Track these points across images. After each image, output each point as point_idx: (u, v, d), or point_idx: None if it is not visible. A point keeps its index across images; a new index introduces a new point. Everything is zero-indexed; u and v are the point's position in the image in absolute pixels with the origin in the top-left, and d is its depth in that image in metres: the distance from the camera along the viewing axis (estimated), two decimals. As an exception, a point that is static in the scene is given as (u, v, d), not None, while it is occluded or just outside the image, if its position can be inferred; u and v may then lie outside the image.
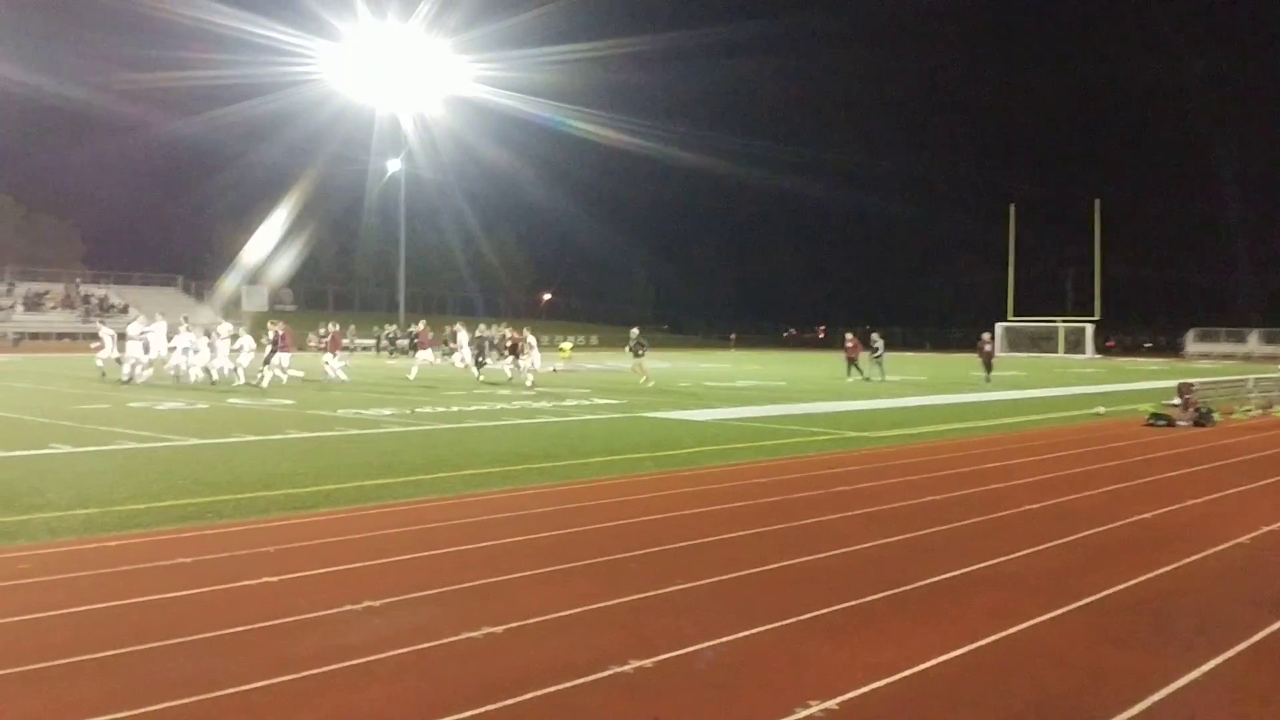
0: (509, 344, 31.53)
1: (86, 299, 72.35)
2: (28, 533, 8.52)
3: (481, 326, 35.24)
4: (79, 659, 5.34)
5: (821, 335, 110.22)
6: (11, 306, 68.66)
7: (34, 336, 64.34)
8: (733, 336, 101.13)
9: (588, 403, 23.84)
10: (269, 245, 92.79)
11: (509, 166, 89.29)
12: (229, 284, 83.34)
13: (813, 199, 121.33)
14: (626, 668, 5.41)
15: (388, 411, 20.36)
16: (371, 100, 74.90)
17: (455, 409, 21.35)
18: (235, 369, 27.88)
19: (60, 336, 66.07)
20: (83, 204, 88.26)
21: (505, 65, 75.40)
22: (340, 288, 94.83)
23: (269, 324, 28.26)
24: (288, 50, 70.54)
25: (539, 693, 5.05)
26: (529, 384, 28.88)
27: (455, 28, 71.21)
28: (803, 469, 13.52)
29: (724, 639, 5.95)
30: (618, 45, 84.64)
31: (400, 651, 5.60)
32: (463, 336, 35.66)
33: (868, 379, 34.74)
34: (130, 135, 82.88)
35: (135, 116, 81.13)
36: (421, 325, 36.68)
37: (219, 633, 5.84)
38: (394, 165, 79.61)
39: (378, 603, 6.49)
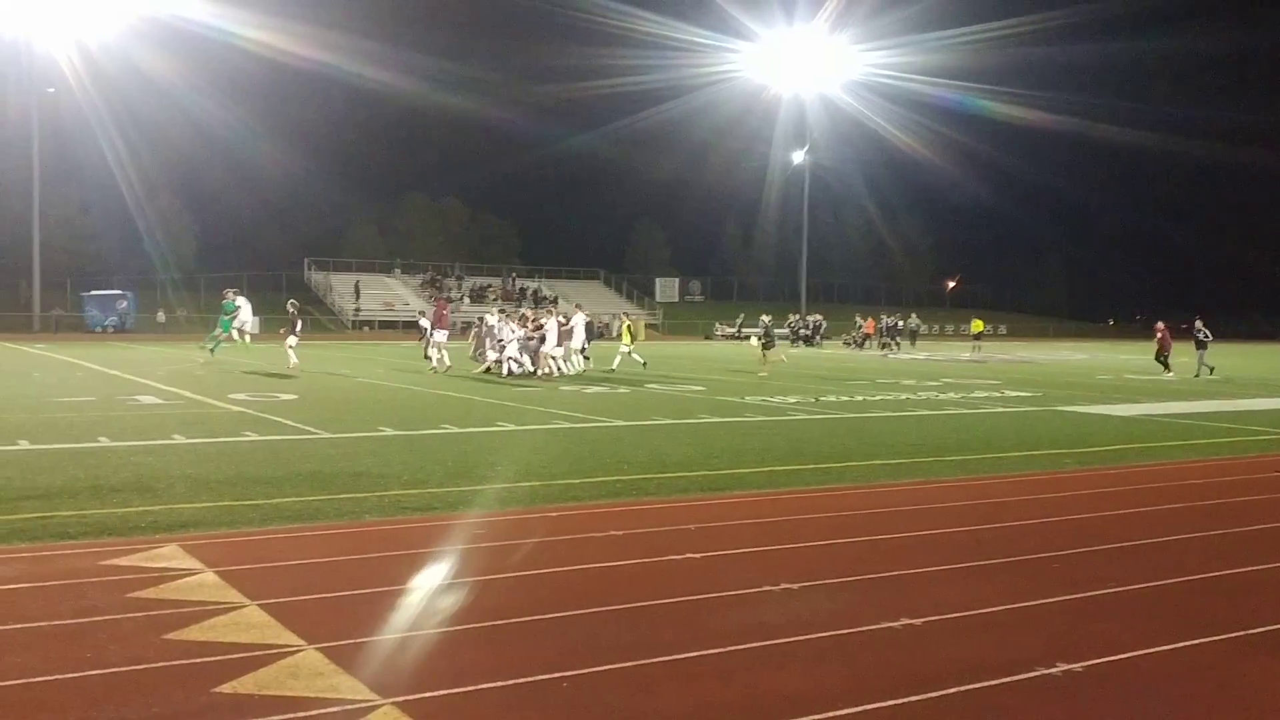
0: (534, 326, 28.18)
1: (521, 291, 78.81)
2: (482, 501, 9.47)
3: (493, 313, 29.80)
4: (531, 619, 5.89)
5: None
6: (460, 298, 76.20)
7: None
8: (1138, 317, 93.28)
9: (998, 395, 23.02)
10: (679, 239, 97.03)
11: (912, 153, 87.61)
12: (644, 277, 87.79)
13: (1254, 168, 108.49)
14: (1054, 670, 5.22)
15: (793, 399, 20.70)
16: (776, 94, 76.09)
17: (860, 398, 21.34)
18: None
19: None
20: (518, 205, 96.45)
21: (909, 50, 74.06)
22: (744, 278, 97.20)
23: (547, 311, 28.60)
24: (693, 49, 73.22)
25: (960, 689, 4.98)
26: (560, 371, 26.58)
27: (860, 17, 70.74)
28: (1244, 470, 12.35)
29: (1162, 648, 5.59)
30: (1030, 21, 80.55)
31: (819, 635, 5.72)
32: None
33: (1195, 374, 29.88)
34: (555, 142, 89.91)
35: (557, 125, 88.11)
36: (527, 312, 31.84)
37: (650, 603, 6.23)
38: (798, 157, 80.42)
39: (795, 586, 6.66)
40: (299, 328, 27.14)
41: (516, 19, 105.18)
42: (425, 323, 29.41)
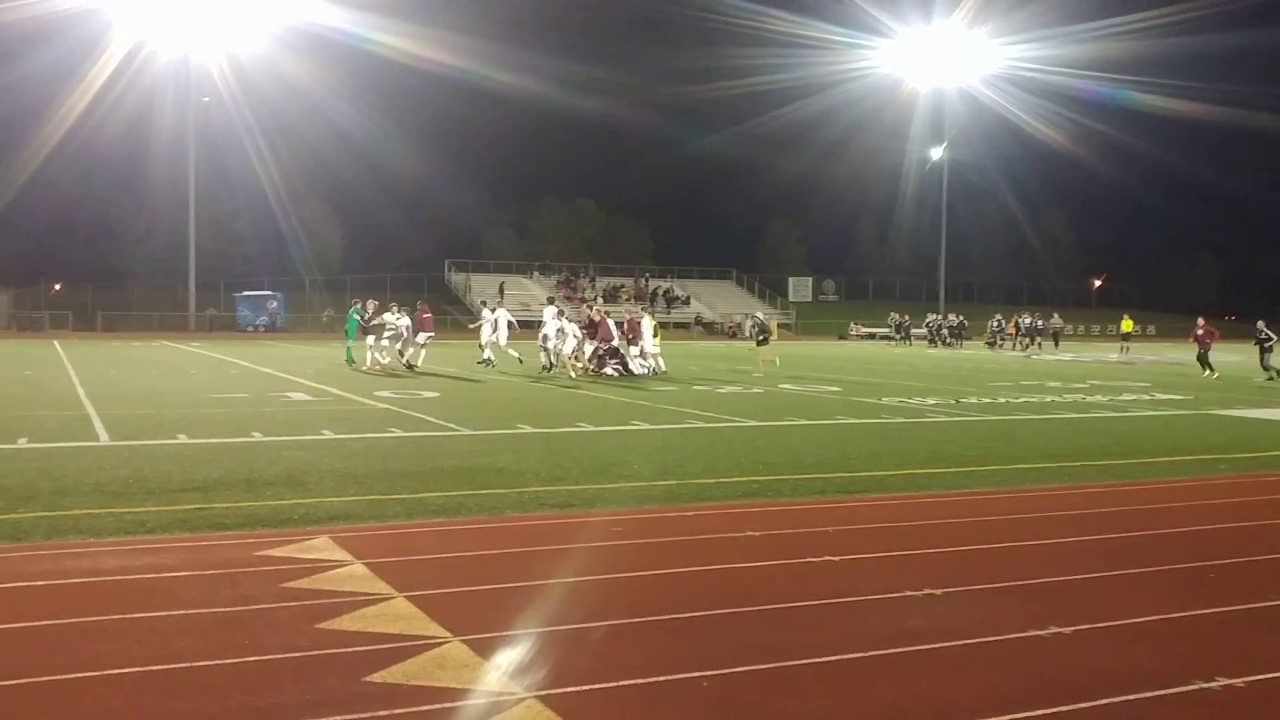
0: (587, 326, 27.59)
1: (654, 292, 79.17)
2: (618, 499, 9.55)
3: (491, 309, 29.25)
4: (669, 617, 5.91)
5: None
6: (594, 298, 76.93)
7: (609, 325, 71.59)
8: None
9: (1148, 397, 22.19)
10: (813, 238, 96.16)
11: (1056, 147, 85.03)
12: (776, 276, 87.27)
13: None
14: (1213, 684, 5.00)
15: (931, 401, 20.31)
16: (912, 89, 74.86)
17: (1002, 400, 20.82)
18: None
19: (631, 325, 73.03)
20: (651, 205, 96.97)
21: (1053, 43, 71.93)
22: (880, 277, 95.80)
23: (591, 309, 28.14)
24: (827, 47, 72.53)
25: (1112, 700, 4.81)
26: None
27: (1000, 10, 69.02)
28: None
29: (1333, 667, 5.31)
30: (1181, 9, 77.28)
31: (964, 642, 5.60)
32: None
33: (1269, 378, 27.60)
34: (687, 142, 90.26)
35: (689, 125, 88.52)
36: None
37: (789, 605, 6.19)
38: (936, 153, 78.97)
39: (938, 591, 6.53)
40: (385, 328, 27.42)
41: (647, 21, 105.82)
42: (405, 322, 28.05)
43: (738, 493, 9.97)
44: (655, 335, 27.60)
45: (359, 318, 27.41)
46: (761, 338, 29.58)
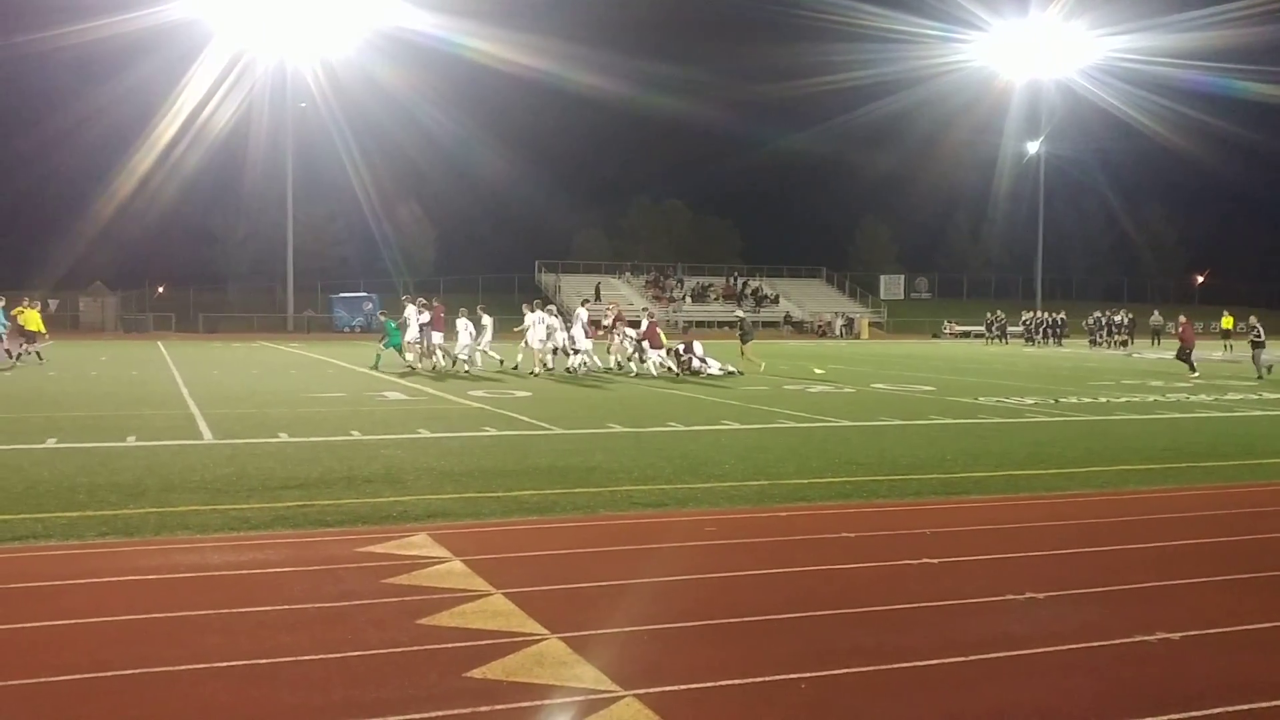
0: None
1: (743, 291, 78.90)
2: (711, 499, 9.53)
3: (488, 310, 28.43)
4: (766, 618, 5.87)
5: None
6: (682, 298, 76.99)
7: (699, 325, 71.57)
8: None
9: (1255, 397, 21.47)
10: (905, 235, 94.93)
11: (1158, 139, 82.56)
12: (867, 274, 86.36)
13: None
14: (1333, 695, 4.83)
15: (1030, 400, 19.91)
16: (1007, 83, 73.51)
17: (1103, 400, 20.33)
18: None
19: (721, 325, 72.98)
20: (739, 204, 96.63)
21: (1155, 33, 69.86)
22: (974, 274, 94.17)
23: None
24: (917, 41, 71.54)
25: (1223, 709, 4.67)
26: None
27: (1098, 1, 67.36)
28: None
29: None
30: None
31: (1067, 647, 5.48)
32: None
33: (1259, 376, 26.53)
34: (775, 140, 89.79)
35: (776, 123, 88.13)
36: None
37: (888, 607, 6.12)
38: (1032, 147, 77.44)
39: (1040, 595, 6.39)
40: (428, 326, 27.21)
41: (734, 20, 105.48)
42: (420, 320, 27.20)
43: (832, 494, 9.88)
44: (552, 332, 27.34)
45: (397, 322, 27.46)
46: (743, 335, 30.05)
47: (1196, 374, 27.13)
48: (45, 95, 73.29)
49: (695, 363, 25.91)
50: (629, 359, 26.87)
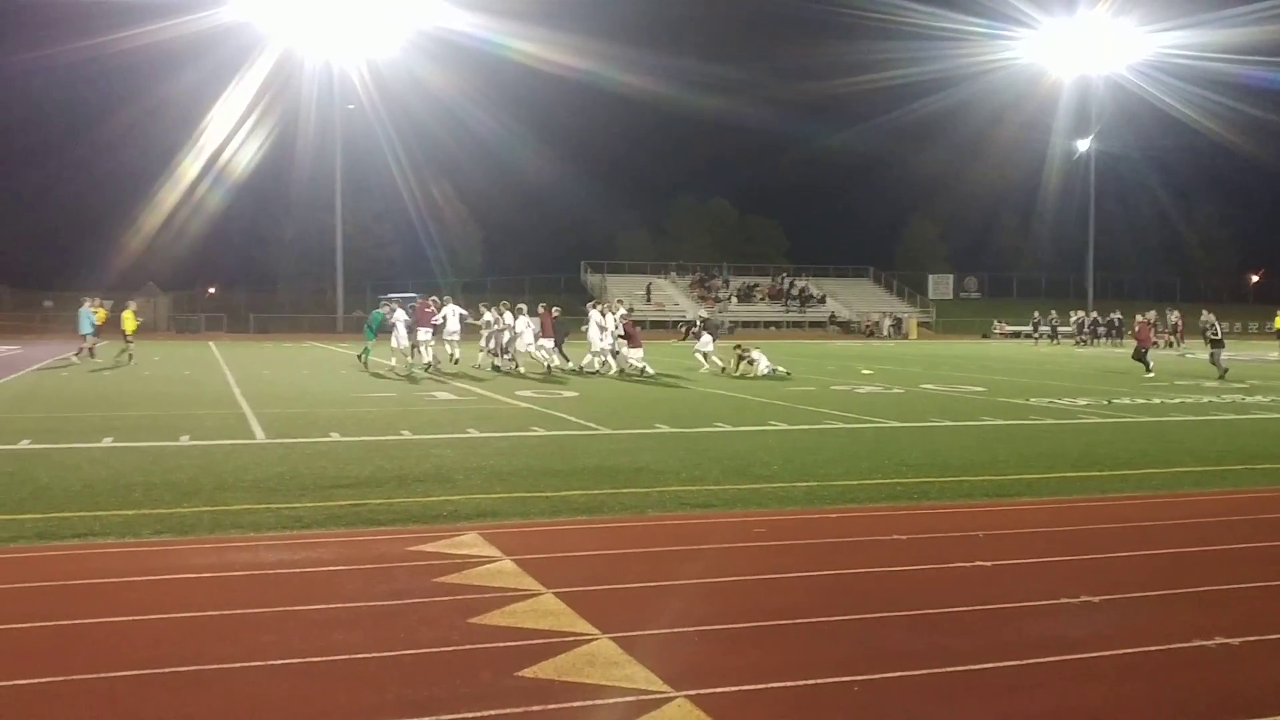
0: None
1: (789, 291, 78.59)
2: (759, 500, 9.50)
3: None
4: (816, 620, 5.84)
5: None
6: (728, 298, 76.82)
7: (745, 325, 71.44)
8: None
9: (1316, 398, 21.07)
10: (953, 234, 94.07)
11: (1211, 136, 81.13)
12: (916, 274, 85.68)
13: None
14: (1400, 703, 4.72)
15: (1082, 401, 19.67)
16: (1056, 80, 72.71)
17: (1156, 401, 20.04)
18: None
19: (767, 325, 72.84)
20: (785, 203, 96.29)
21: (1207, 28, 68.64)
22: (1024, 273, 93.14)
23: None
24: (963, 38, 70.87)
25: (1287, 716, 4.60)
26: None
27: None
28: None
29: None
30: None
31: (1124, 651, 5.40)
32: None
33: (1220, 376, 26.20)
34: (820, 139, 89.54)
35: (821, 122, 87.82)
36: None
37: (940, 610, 6.06)
38: (1082, 145, 76.51)
39: (1096, 598, 6.31)
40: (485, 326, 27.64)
41: (777, 17, 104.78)
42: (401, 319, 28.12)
43: (881, 495, 9.81)
44: (604, 330, 27.66)
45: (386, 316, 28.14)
46: (693, 333, 29.88)
47: (1152, 373, 27.00)
48: (98, 101, 74.65)
49: (744, 364, 25.88)
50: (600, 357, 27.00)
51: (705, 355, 27.78)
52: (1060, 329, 57.78)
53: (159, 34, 58.06)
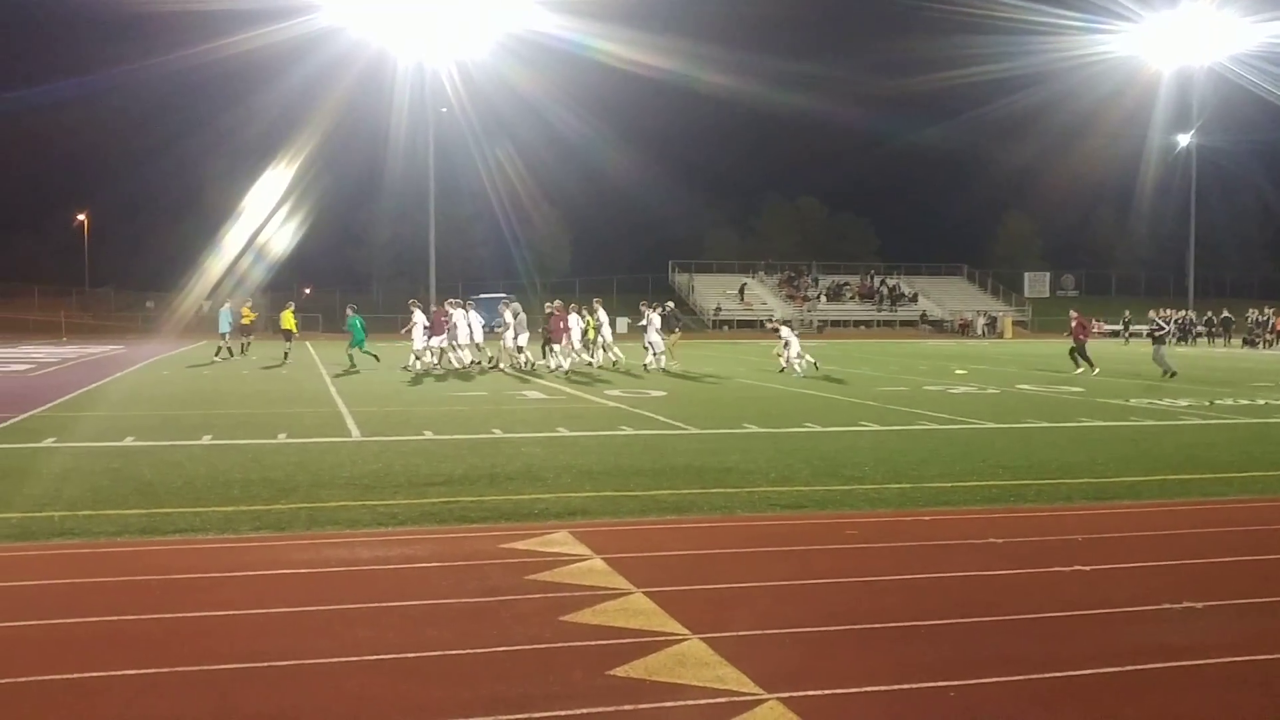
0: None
1: (880, 289, 77.70)
2: (850, 501, 9.41)
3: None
4: (910, 624, 5.75)
5: None
6: (817, 297, 76.22)
7: (834, 324, 70.79)
8: None
9: None
10: (1050, 231, 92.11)
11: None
12: (1011, 271, 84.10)
13: None
14: None
15: (1184, 402, 19.11)
16: (1155, 73, 70.75)
17: (1261, 402, 19.39)
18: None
19: (857, 324, 72.06)
20: (874, 201, 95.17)
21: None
22: (1122, 271, 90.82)
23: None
24: (1056, 31, 69.33)
25: None
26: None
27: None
28: None
29: None
30: None
31: (1229, 659, 5.24)
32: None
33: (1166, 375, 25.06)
34: (908, 135, 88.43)
35: (910, 118, 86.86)
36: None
37: (1039, 615, 5.94)
38: (1184, 139, 74.39)
39: (1199, 604, 6.13)
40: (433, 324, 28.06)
41: (863, 14, 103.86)
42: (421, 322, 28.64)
43: (976, 498, 9.64)
44: (587, 333, 28.03)
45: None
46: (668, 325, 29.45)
47: (1094, 370, 26.55)
48: (198, 107, 77.21)
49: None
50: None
51: (651, 345, 27.55)
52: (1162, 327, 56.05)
53: (255, 41, 59.48)
